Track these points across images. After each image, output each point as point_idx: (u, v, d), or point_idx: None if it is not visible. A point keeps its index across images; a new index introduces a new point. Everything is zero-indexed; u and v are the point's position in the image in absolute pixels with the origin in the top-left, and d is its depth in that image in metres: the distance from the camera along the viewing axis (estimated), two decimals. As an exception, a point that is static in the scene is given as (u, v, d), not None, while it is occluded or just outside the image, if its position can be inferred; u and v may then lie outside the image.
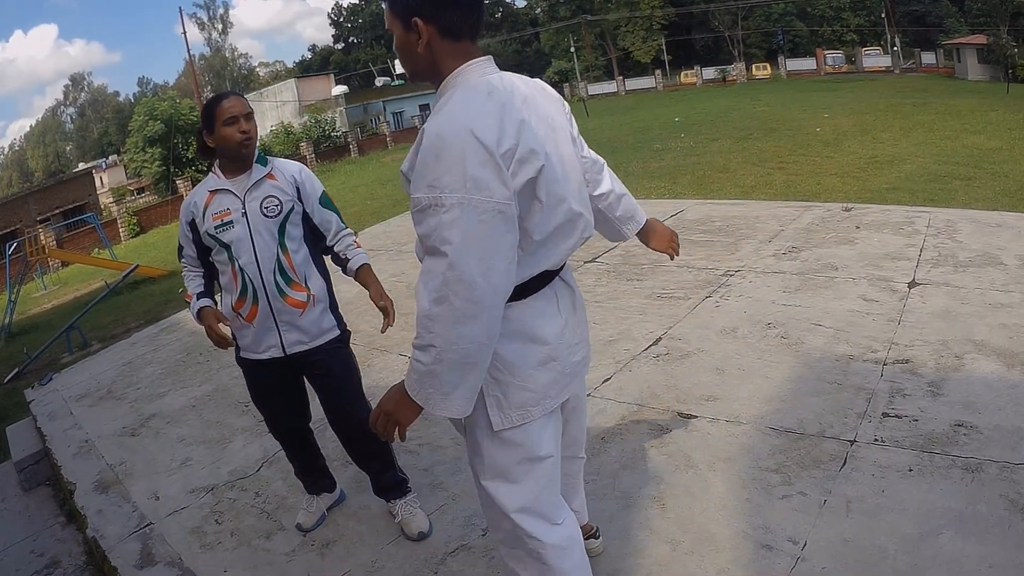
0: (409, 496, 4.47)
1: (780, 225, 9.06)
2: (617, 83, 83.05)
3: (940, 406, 4.67)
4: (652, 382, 5.60)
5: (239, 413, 6.60)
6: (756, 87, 61.52)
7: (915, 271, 6.95)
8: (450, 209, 2.32)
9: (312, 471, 4.67)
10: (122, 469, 6.03)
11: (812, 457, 4.32)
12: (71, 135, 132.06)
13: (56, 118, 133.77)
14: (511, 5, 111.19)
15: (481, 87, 2.51)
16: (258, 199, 4.03)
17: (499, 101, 2.47)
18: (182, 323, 10.26)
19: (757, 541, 3.70)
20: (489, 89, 2.50)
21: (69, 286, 31.64)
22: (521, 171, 2.44)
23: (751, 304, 6.74)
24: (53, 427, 7.32)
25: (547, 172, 2.51)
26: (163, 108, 58.73)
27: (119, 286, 20.55)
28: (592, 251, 9.27)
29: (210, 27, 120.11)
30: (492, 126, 2.39)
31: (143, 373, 8.37)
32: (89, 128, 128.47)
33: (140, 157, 59.21)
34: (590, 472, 4.53)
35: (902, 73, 65.35)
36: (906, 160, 17.04)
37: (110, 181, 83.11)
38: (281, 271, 4.07)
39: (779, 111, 33.34)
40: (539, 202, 2.53)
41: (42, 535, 5.98)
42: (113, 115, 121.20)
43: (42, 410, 7.90)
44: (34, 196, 50.10)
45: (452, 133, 2.36)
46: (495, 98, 2.48)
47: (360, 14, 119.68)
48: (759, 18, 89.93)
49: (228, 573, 4.39)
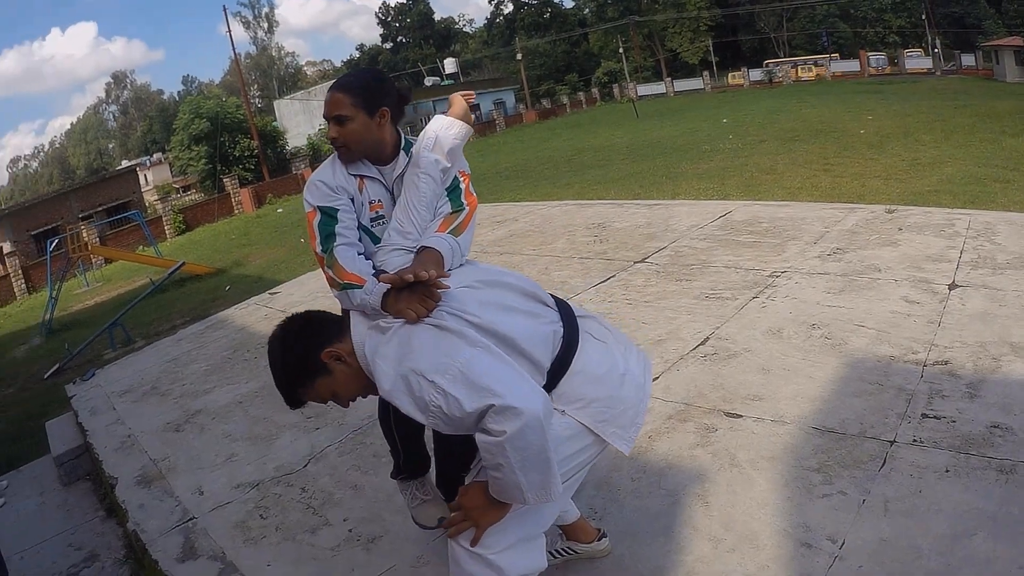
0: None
1: (825, 227, 9.03)
2: (666, 84, 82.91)
3: (977, 408, 4.65)
4: (699, 381, 5.61)
5: (286, 410, 6.56)
6: (802, 89, 61.24)
7: (955, 273, 6.90)
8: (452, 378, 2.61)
9: (417, 450, 4.15)
10: (165, 464, 6.09)
11: (853, 457, 4.33)
12: (114, 133, 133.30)
13: (98, 115, 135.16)
14: (559, 5, 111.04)
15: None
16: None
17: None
18: (229, 320, 10.35)
19: (797, 539, 3.72)
20: None
21: (112, 283, 31.98)
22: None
23: (796, 305, 6.73)
24: (95, 422, 7.40)
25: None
26: (209, 106, 59.13)
27: (164, 283, 20.70)
28: (642, 252, 9.28)
29: (255, 26, 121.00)
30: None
31: (188, 370, 8.44)
32: (132, 126, 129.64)
33: (186, 155, 59.55)
34: (635, 470, 4.57)
35: (943, 75, 64.72)
36: (947, 163, 16.96)
37: (155, 179, 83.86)
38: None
39: (824, 113, 33.22)
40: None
41: (81, 529, 6.05)
42: (157, 113, 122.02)
43: (83, 405, 7.97)
44: (76, 193, 50.60)
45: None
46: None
47: (408, 14, 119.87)
48: (803, 19, 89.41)
49: (272, 567, 4.44)
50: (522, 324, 2.88)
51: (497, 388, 2.53)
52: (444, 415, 2.59)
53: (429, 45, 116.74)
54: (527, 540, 2.91)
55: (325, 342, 2.91)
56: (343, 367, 2.90)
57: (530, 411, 2.50)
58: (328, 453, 5.65)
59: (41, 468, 7.65)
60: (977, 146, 19.18)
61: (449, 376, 2.58)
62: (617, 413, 2.95)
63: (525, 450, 2.53)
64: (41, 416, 10.97)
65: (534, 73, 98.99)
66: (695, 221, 10.38)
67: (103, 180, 55.57)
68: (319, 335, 2.94)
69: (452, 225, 3.27)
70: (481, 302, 2.90)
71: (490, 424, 2.52)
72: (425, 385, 2.60)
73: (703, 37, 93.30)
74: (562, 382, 2.91)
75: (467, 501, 2.83)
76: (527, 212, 13.64)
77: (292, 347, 2.92)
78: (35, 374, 16.90)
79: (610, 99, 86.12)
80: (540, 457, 2.56)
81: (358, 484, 5.15)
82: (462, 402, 2.54)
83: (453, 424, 2.62)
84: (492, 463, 2.59)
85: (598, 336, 3.08)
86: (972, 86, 49.50)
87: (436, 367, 2.61)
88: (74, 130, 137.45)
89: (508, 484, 2.62)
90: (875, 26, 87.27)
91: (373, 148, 3.48)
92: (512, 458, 2.53)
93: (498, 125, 71.31)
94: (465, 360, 2.61)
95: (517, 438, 2.49)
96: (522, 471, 2.56)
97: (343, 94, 3.38)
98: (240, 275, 23.41)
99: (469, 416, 2.55)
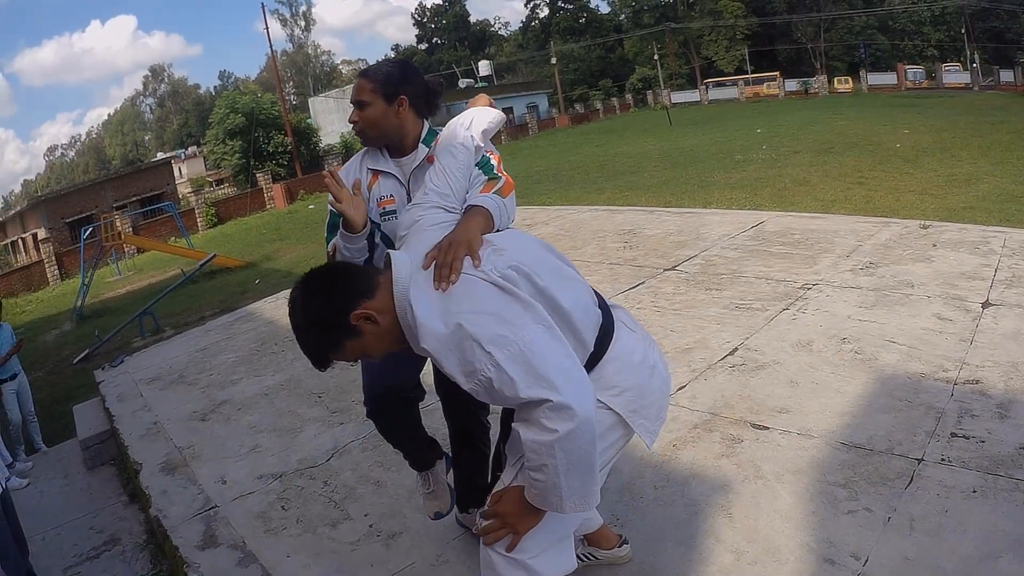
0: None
1: (858, 240, 8.97)
2: (700, 92, 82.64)
3: (1007, 428, 4.61)
4: (726, 392, 5.59)
5: (312, 404, 6.68)
6: (838, 100, 60.92)
7: (989, 291, 6.84)
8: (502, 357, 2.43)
9: (417, 441, 4.15)
10: (190, 452, 6.16)
11: (880, 474, 4.29)
12: (150, 125, 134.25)
13: (135, 107, 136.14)
14: (595, 11, 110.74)
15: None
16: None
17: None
18: (258, 312, 10.42)
19: (820, 555, 3.69)
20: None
21: (143, 272, 32.28)
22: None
23: (827, 318, 6.68)
24: (122, 408, 7.48)
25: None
26: (244, 101, 59.38)
27: (195, 274, 20.89)
28: (672, 259, 9.28)
29: (292, 23, 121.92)
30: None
31: (216, 360, 8.51)
32: (168, 119, 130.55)
33: (220, 149, 59.83)
34: (659, 478, 4.55)
35: (981, 90, 64.08)
36: (983, 179, 16.82)
37: (189, 172, 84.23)
38: None
39: (860, 125, 33.02)
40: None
41: (103, 513, 6.12)
42: (193, 107, 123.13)
43: (111, 391, 8.06)
44: (111, 183, 51.17)
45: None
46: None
47: (444, 15, 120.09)
48: (841, 31, 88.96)
49: (291, 559, 4.46)
50: (576, 296, 2.78)
51: (557, 380, 2.39)
52: (491, 388, 2.44)
53: (464, 47, 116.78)
54: (559, 541, 2.85)
55: (353, 302, 2.62)
56: (373, 327, 2.63)
57: (584, 412, 2.39)
58: (351, 448, 5.67)
59: (67, 451, 7.75)
60: (1014, 163, 19.01)
61: (508, 352, 2.41)
62: (646, 404, 2.88)
63: (573, 452, 2.42)
64: (68, 400, 11.08)
65: (568, 78, 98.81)
66: (727, 230, 10.35)
67: (138, 171, 56.24)
68: (347, 296, 2.63)
69: (494, 189, 3.19)
70: (544, 264, 2.78)
71: (544, 420, 2.39)
72: (479, 353, 2.42)
73: (739, 46, 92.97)
74: (598, 367, 2.81)
75: (503, 507, 2.73)
76: (557, 216, 13.65)
77: (318, 311, 2.64)
78: (65, 359, 17.07)
79: (644, 105, 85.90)
80: (586, 462, 2.47)
81: (380, 480, 5.16)
82: (517, 385, 2.39)
83: (494, 398, 2.50)
84: (536, 463, 2.47)
85: (629, 326, 3.01)
86: (1011, 102, 49.03)
87: (495, 338, 2.43)
88: (111, 121, 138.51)
89: (549, 489, 2.51)
90: (913, 39, 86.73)
91: (392, 135, 3.58)
92: (560, 460, 2.42)
93: (531, 129, 71.32)
94: (529, 340, 2.44)
95: (568, 439, 2.38)
96: (566, 475, 2.46)
97: (365, 80, 3.54)
98: (270, 269, 23.54)
99: (517, 399, 2.42)
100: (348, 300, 2.61)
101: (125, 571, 5.22)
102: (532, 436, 2.44)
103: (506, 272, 2.60)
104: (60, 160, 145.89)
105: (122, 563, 5.31)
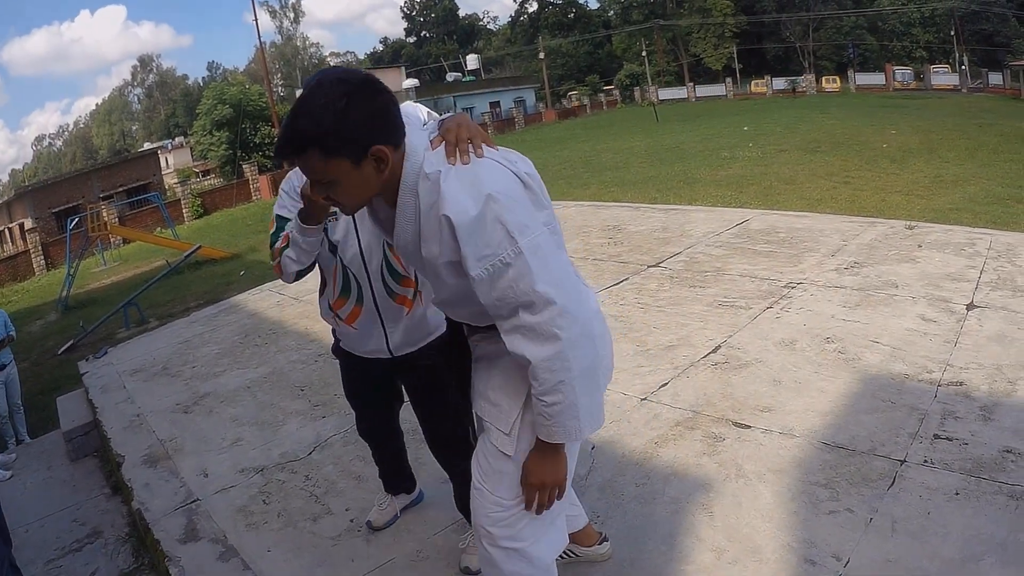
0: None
1: (843, 240, 8.98)
2: (687, 89, 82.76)
3: (990, 431, 4.60)
4: (709, 390, 5.58)
5: (294, 397, 6.67)
6: (825, 100, 60.97)
7: (974, 293, 6.84)
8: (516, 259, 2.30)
9: (397, 474, 4.52)
10: (172, 445, 6.15)
11: (861, 474, 4.29)
12: (138, 115, 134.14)
13: (123, 97, 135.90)
14: (584, 6, 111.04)
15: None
16: None
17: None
18: (242, 304, 10.40)
19: (801, 555, 3.68)
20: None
21: (129, 263, 32.14)
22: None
23: (811, 317, 6.69)
24: (105, 400, 7.46)
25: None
26: (232, 93, 59.44)
27: (180, 265, 20.86)
28: (656, 256, 9.29)
29: (281, 15, 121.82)
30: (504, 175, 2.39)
31: (200, 352, 8.49)
32: (156, 109, 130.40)
33: (207, 140, 59.89)
34: (640, 476, 4.55)
35: (969, 92, 64.26)
36: (970, 181, 16.82)
37: (175, 162, 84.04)
38: (389, 267, 3.61)
39: (847, 125, 33.02)
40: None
41: (86, 505, 6.09)
42: (181, 97, 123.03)
43: (95, 382, 8.05)
44: (98, 173, 50.92)
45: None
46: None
47: (433, 9, 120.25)
48: (830, 30, 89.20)
49: (272, 553, 4.45)
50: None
51: (566, 284, 2.34)
52: (501, 277, 2.30)
53: (452, 41, 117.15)
54: (551, 524, 2.80)
55: (385, 137, 2.35)
56: (372, 172, 2.36)
57: (584, 319, 2.36)
58: (333, 442, 5.67)
59: (50, 443, 7.72)
60: (1001, 166, 19.03)
61: (528, 239, 2.29)
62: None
63: (582, 361, 2.34)
64: (52, 391, 11.05)
65: (556, 73, 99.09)
66: (712, 228, 10.36)
67: (125, 161, 55.95)
68: (386, 130, 2.36)
69: None
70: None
71: (548, 325, 2.29)
72: (502, 237, 2.28)
73: (727, 43, 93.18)
74: None
75: (535, 478, 2.59)
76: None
77: (347, 115, 2.26)
78: (49, 349, 16.98)
79: (631, 102, 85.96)
80: (591, 374, 2.41)
81: (361, 475, 5.15)
82: (534, 277, 2.28)
83: (493, 289, 2.33)
84: (551, 384, 2.34)
85: (586, 287, 2.76)
86: (998, 105, 49.17)
87: (520, 224, 2.30)
88: (99, 111, 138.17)
89: (566, 411, 2.38)
90: (902, 40, 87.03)
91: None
92: (575, 371, 2.32)
93: (517, 123, 71.41)
94: (543, 237, 2.34)
95: (575, 346, 2.31)
96: (581, 389, 2.36)
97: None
98: (255, 261, 23.46)
99: (521, 296, 2.29)
100: (382, 133, 2.35)
101: (107, 564, 5.18)
102: (538, 350, 2.32)
103: (521, 173, 2.44)
104: (48, 149, 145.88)
105: (104, 556, 5.28)
